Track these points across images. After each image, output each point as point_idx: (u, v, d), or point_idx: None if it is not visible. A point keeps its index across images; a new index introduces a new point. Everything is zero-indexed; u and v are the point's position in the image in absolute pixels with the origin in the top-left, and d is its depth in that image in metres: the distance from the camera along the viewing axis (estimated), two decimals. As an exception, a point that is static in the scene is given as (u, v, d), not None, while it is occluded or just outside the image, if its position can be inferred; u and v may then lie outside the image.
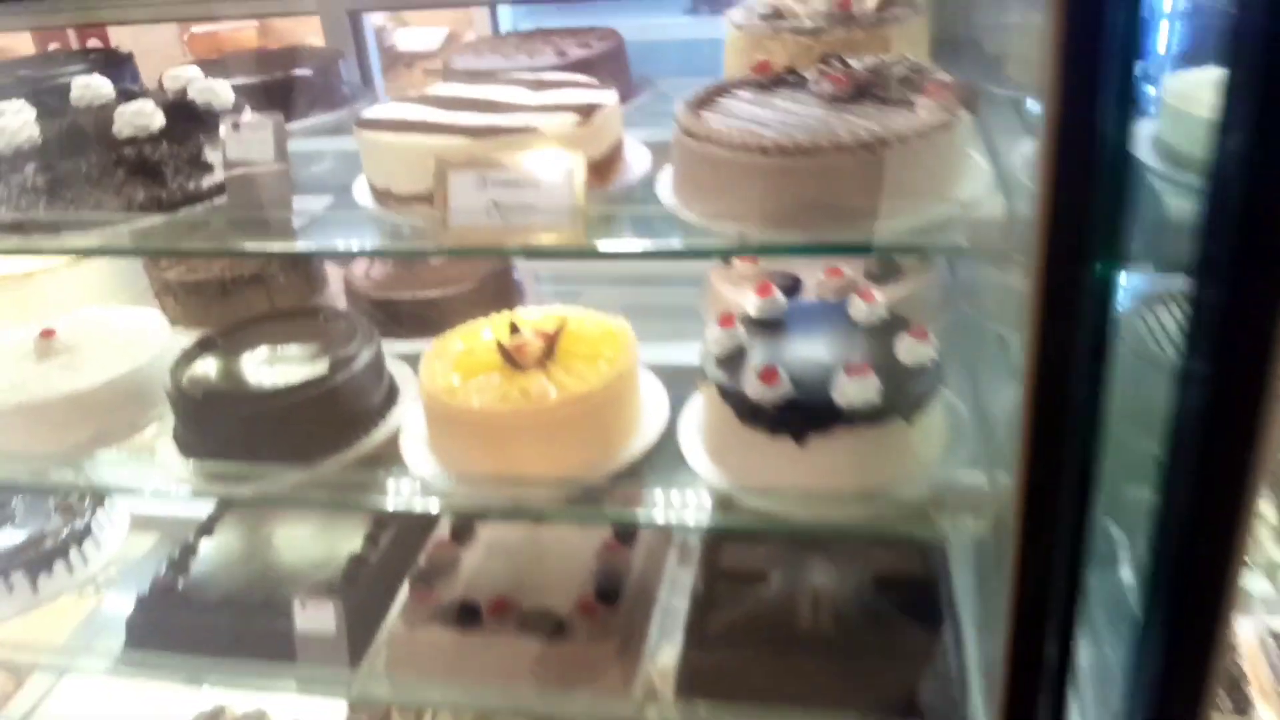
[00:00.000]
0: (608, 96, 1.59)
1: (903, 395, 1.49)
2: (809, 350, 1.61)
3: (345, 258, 2.22)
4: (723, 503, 1.57)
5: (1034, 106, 1.00)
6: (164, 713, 2.43)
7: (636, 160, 1.64)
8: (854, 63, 1.51)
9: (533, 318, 1.87)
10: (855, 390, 1.46)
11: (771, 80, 1.56)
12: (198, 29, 4.03)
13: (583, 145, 1.49)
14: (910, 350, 1.54)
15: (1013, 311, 1.14)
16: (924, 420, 1.52)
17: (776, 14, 1.78)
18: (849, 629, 1.81)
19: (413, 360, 2.05)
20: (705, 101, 1.52)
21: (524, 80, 1.73)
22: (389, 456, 1.77)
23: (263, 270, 2.22)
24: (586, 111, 1.52)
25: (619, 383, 1.67)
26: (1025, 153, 1.20)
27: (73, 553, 2.27)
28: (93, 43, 3.27)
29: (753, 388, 1.50)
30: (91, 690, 2.62)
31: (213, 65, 2.17)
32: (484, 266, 2.15)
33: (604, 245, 1.41)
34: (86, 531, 2.31)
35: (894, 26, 1.72)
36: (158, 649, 2.00)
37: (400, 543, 2.15)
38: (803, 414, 1.48)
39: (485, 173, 1.40)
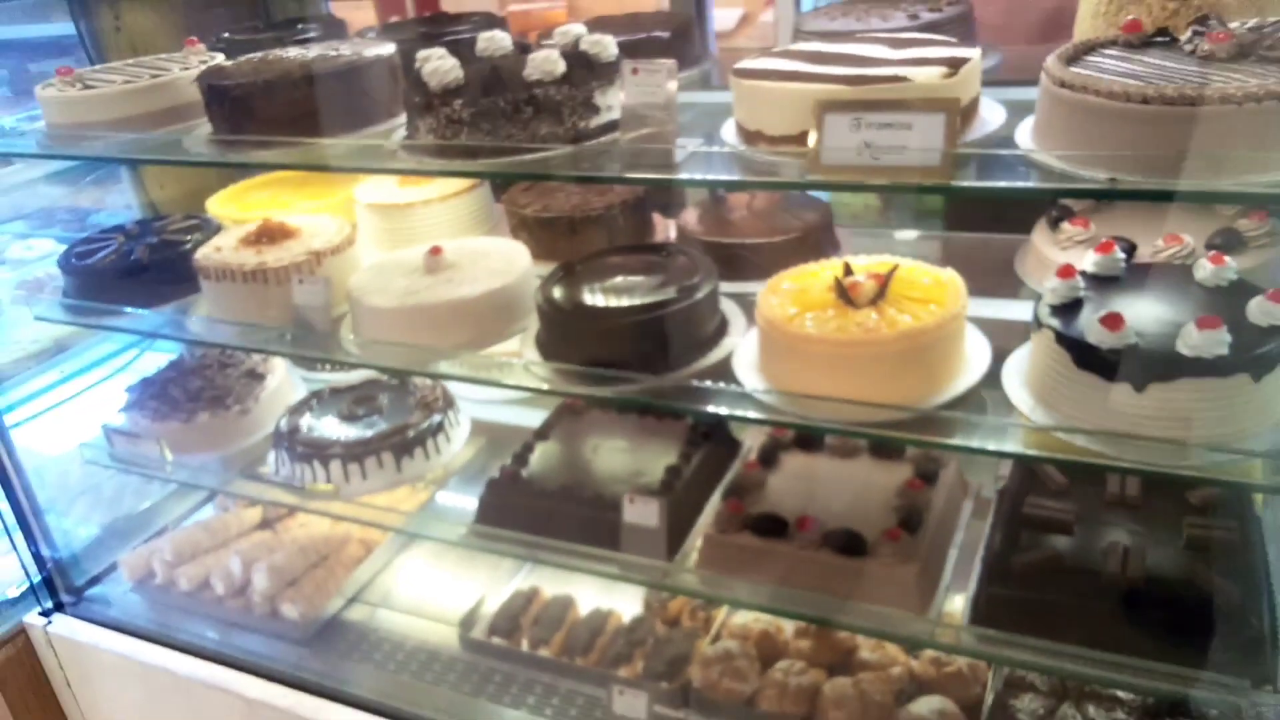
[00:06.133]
0: (971, 52, 1.70)
1: (1251, 352, 1.52)
2: (1152, 306, 1.66)
3: (712, 188, 2.44)
4: (1045, 442, 1.65)
5: None
6: (486, 591, 2.82)
7: (992, 114, 1.75)
8: (1234, 25, 1.54)
9: (863, 263, 2.02)
10: (1203, 341, 1.50)
11: (1141, 40, 1.62)
12: (515, 6, 4.47)
13: (949, 95, 1.61)
14: (1265, 311, 1.55)
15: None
16: (1271, 380, 1.54)
17: (1139, -22, 1.81)
18: (1152, 581, 1.83)
19: (735, 300, 2.26)
20: (1074, 58, 1.60)
21: (883, 39, 1.87)
22: (721, 377, 1.99)
23: (606, 212, 2.50)
24: (955, 64, 1.64)
25: (951, 323, 1.79)
26: None
27: (429, 443, 2.67)
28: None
29: (1095, 333, 1.57)
30: (424, 566, 3.07)
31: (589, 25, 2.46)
32: (809, 219, 2.31)
33: (967, 181, 1.53)
34: (440, 427, 2.70)
35: (1267, -9, 1.72)
36: (502, 525, 2.33)
37: (709, 462, 2.38)
38: (1146, 361, 1.54)
39: (860, 115, 1.56)
